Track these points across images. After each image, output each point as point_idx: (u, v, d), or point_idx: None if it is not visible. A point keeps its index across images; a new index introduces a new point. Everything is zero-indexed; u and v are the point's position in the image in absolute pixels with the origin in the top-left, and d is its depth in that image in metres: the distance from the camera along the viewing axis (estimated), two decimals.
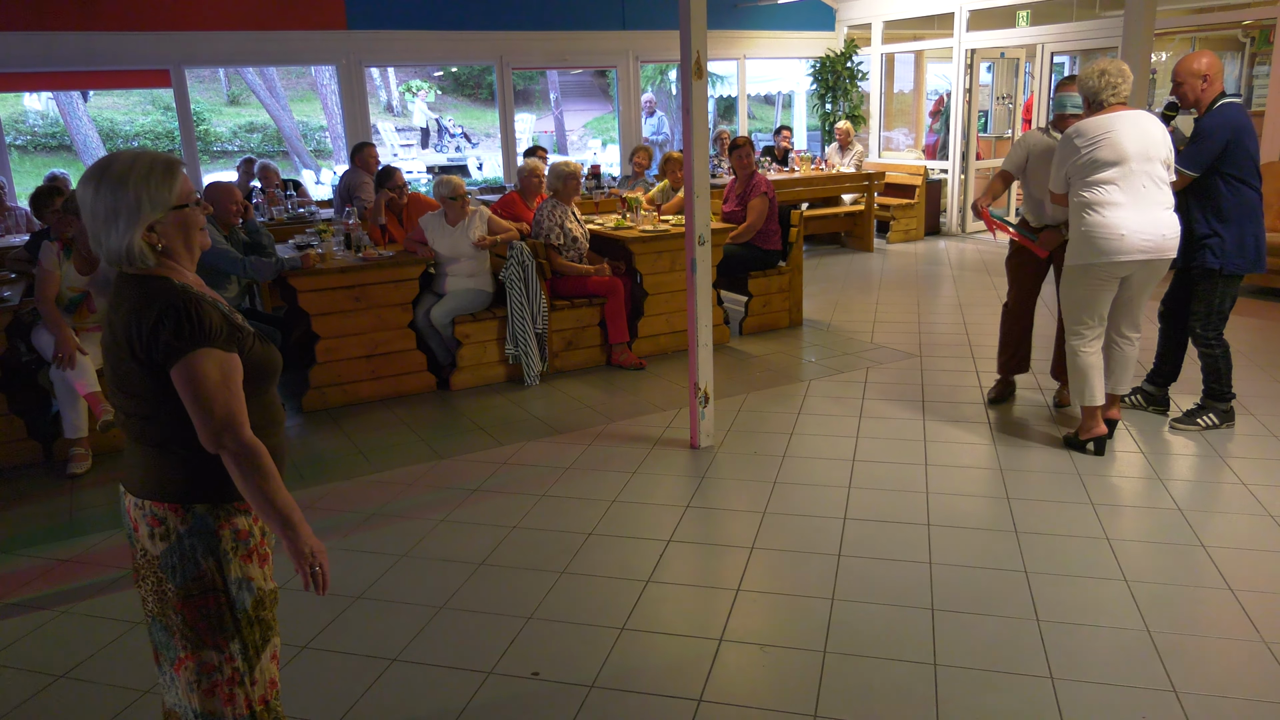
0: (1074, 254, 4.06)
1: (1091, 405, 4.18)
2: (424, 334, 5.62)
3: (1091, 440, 4.22)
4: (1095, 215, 3.94)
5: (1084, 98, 4.05)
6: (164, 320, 1.73)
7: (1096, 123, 3.95)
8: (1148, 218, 3.92)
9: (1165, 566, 3.24)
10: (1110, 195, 3.92)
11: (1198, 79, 4.21)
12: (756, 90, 15.27)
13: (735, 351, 6.23)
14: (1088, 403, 4.19)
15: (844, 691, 2.62)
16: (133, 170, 1.76)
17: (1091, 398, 4.17)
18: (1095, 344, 4.16)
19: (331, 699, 2.68)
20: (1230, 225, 4.21)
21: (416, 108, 19.64)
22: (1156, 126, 3.96)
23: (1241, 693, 2.54)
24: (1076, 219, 4.03)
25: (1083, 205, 3.98)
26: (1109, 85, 3.94)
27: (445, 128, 18.78)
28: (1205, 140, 4.16)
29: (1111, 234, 3.91)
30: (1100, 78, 3.95)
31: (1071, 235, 4.08)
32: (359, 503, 4.05)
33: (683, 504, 3.92)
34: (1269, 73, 7.82)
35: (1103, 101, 3.97)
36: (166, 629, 1.89)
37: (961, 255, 9.60)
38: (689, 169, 4.20)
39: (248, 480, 1.77)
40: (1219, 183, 4.20)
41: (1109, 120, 3.93)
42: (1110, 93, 3.95)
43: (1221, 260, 4.23)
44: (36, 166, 15.21)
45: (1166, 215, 3.97)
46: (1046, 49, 10.08)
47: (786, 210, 6.85)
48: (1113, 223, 3.91)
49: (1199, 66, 4.21)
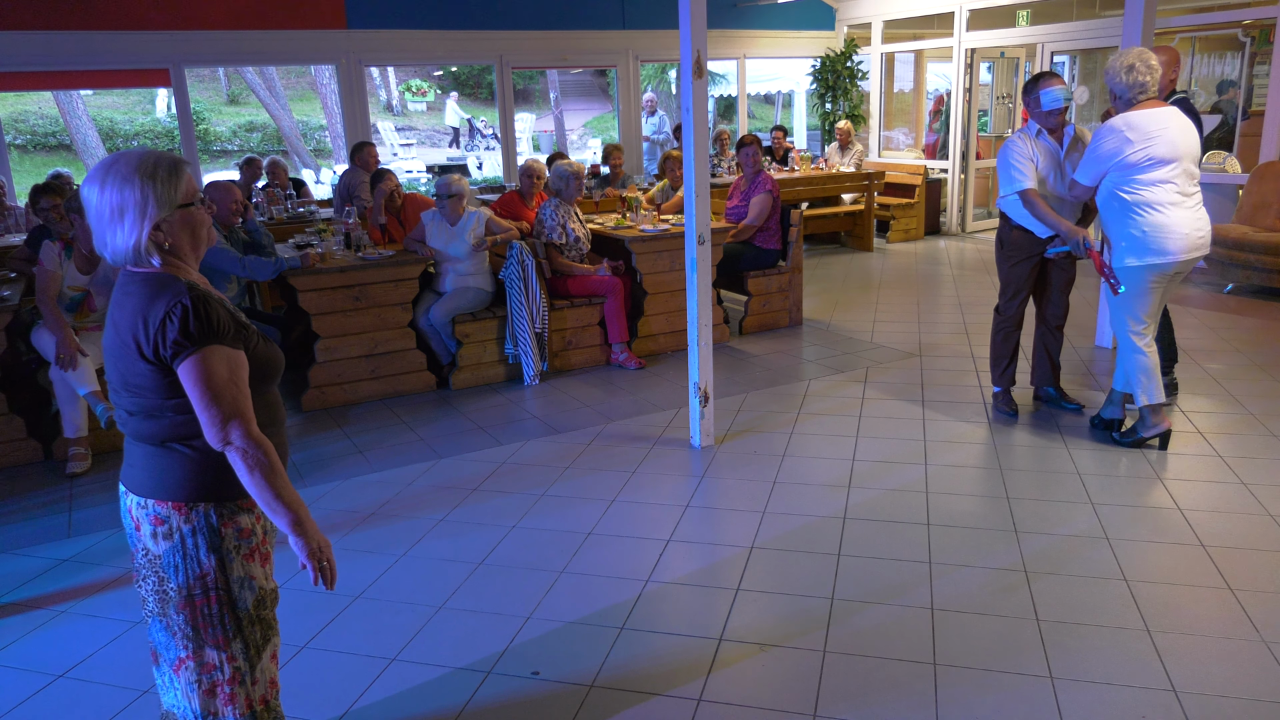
0: (1131, 254, 4.01)
1: (1157, 403, 4.18)
2: (424, 333, 5.62)
3: (1158, 435, 4.23)
4: (1157, 214, 3.93)
5: (1120, 91, 3.98)
6: (172, 317, 1.73)
7: (1149, 117, 3.90)
8: (1197, 215, 3.99)
9: (1165, 566, 3.24)
10: (1169, 194, 3.93)
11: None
12: (756, 90, 15.25)
13: (735, 351, 6.23)
14: (1154, 401, 4.17)
15: (843, 691, 2.62)
16: (139, 169, 1.76)
17: (1157, 395, 4.17)
18: (1153, 342, 4.18)
19: (331, 699, 2.68)
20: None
21: (449, 108, 19.64)
22: (1191, 122, 4.02)
23: (1242, 693, 2.54)
24: (1126, 218, 3.99)
25: (1138, 204, 3.95)
26: (1138, 84, 3.92)
27: (478, 129, 18.83)
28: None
29: (1175, 233, 3.94)
30: (1129, 74, 3.91)
31: (1118, 235, 4.05)
32: (358, 502, 4.05)
33: (682, 503, 3.92)
34: (1269, 72, 7.82)
35: (1136, 98, 3.96)
36: (167, 629, 1.89)
37: (961, 255, 9.60)
38: (689, 168, 4.19)
39: (254, 477, 1.77)
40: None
41: (1162, 115, 3.91)
42: (1140, 90, 3.94)
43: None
44: (36, 166, 15.21)
45: (1204, 213, 4.05)
46: (1046, 48, 10.07)
47: (786, 210, 6.86)
48: (1175, 221, 3.93)
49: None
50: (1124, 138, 3.90)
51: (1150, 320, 4.13)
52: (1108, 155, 3.96)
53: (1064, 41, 9.95)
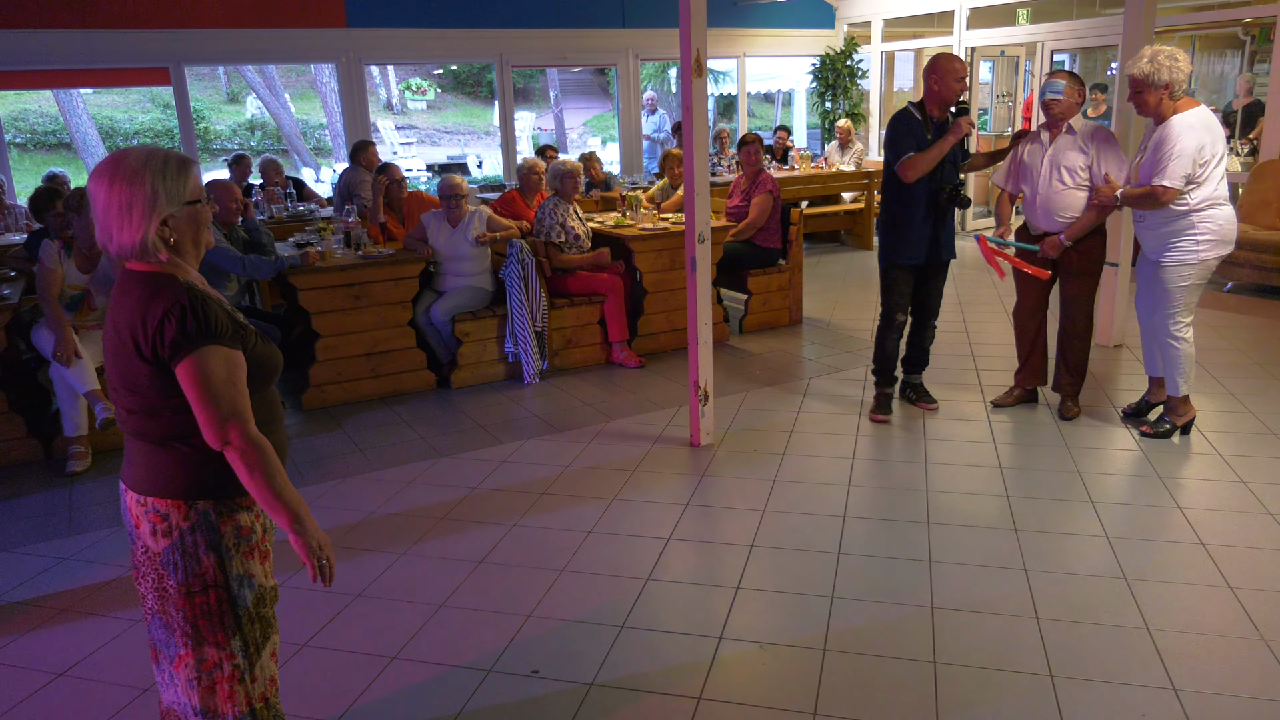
0: (1209, 247, 4.09)
1: (1188, 393, 4.30)
2: (424, 332, 5.62)
3: (1186, 424, 4.36)
4: (1226, 209, 4.10)
5: (1170, 82, 3.98)
6: (170, 317, 1.73)
7: (1208, 114, 4.03)
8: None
9: (1165, 564, 3.24)
10: (1225, 189, 4.08)
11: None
12: (756, 88, 15.25)
13: (735, 349, 6.23)
14: (1189, 391, 4.30)
15: (843, 689, 2.62)
16: (149, 164, 1.77)
17: (1190, 385, 4.30)
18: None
19: (331, 697, 2.68)
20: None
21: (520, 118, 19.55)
22: None
23: (1242, 691, 2.54)
24: (1198, 213, 4.05)
25: (1211, 200, 4.04)
26: (1186, 77, 4.02)
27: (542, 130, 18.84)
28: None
29: (1233, 225, 4.12)
30: (1174, 62, 3.95)
31: (1181, 230, 4.09)
32: (358, 501, 4.05)
33: (682, 502, 3.92)
34: (1269, 71, 7.82)
35: (1181, 92, 4.03)
36: (167, 626, 1.89)
37: (961, 253, 9.56)
38: (689, 167, 4.19)
39: (254, 476, 1.77)
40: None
41: (1210, 112, 4.04)
42: (1185, 83, 4.04)
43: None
44: (36, 164, 15.21)
45: None
46: (1046, 47, 10.07)
47: (786, 208, 6.85)
48: (1231, 214, 4.11)
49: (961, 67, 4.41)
50: (1203, 134, 3.96)
51: (1192, 313, 4.29)
52: (1191, 153, 3.96)
53: (1064, 40, 9.94)
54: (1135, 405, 4.65)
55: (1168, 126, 3.99)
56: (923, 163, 4.34)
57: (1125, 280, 5.89)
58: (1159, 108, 4.03)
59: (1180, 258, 4.12)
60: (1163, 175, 3.98)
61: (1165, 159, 3.97)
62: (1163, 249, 4.17)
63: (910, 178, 4.35)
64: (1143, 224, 4.25)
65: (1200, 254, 4.09)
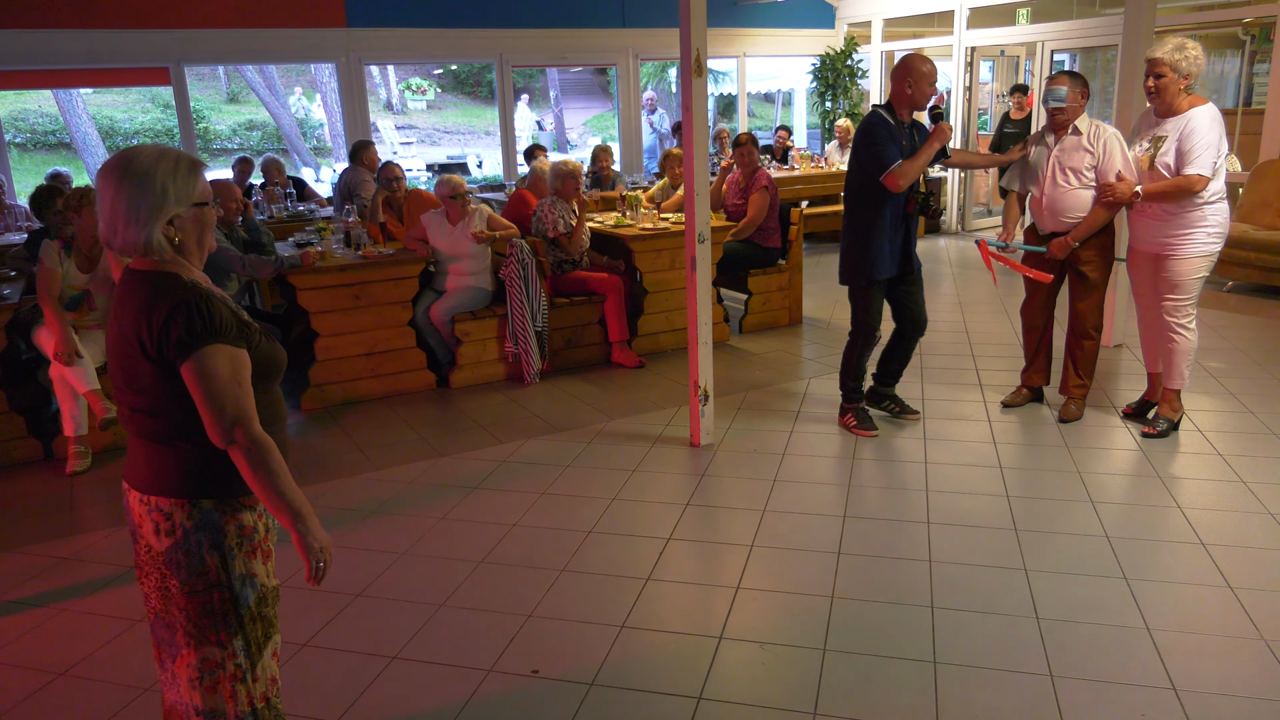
0: (1216, 241, 4.17)
1: (1184, 386, 4.41)
2: (424, 332, 5.62)
3: (1178, 420, 4.44)
4: (1226, 204, 4.17)
5: (1192, 73, 4.02)
6: (175, 316, 1.73)
7: (1219, 112, 4.06)
8: None
9: (1165, 564, 3.24)
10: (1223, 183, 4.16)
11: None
12: (756, 88, 15.25)
13: (735, 349, 6.23)
14: (1187, 385, 4.40)
15: (844, 689, 2.62)
16: (160, 163, 1.77)
17: (1187, 380, 4.39)
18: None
19: (332, 696, 2.68)
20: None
21: (519, 112, 19.54)
22: None
23: (1242, 691, 2.54)
24: (1209, 206, 4.11)
25: (1220, 194, 4.12)
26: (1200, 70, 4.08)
27: (544, 129, 18.83)
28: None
29: (1229, 220, 4.21)
30: (1199, 63, 4.01)
31: (1193, 221, 4.14)
32: (359, 500, 4.05)
33: (682, 502, 3.92)
34: (1269, 71, 7.82)
35: (1195, 85, 4.08)
36: (169, 625, 1.90)
37: (961, 253, 9.59)
38: (689, 167, 4.19)
39: (258, 475, 1.78)
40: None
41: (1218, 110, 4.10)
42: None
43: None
44: (36, 164, 15.20)
45: None
46: (1047, 47, 10.07)
47: (786, 208, 6.85)
48: (1229, 209, 4.20)
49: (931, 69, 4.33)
50: (1221, 128, 4.02)
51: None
52: (1219, 143, 4.04)
53: (1064, 40, 9.94)
54: (1135, 405, 4.65)
55: (1193, 118, 4.04)
56: (912, 171, 4.18)
57: (1123, 280, 5.88)
58: (1175, 99, 4.06)
59: (1194, 249, 4.16)
60: (1197, 165, 4.02)
61: (1197, 149, 4.01)
62: (1171, 242, 4.19)
63: (901, 187, 4.18)
64: (1147, 217, 4.25)
65: (1212, 246, 4.18)
